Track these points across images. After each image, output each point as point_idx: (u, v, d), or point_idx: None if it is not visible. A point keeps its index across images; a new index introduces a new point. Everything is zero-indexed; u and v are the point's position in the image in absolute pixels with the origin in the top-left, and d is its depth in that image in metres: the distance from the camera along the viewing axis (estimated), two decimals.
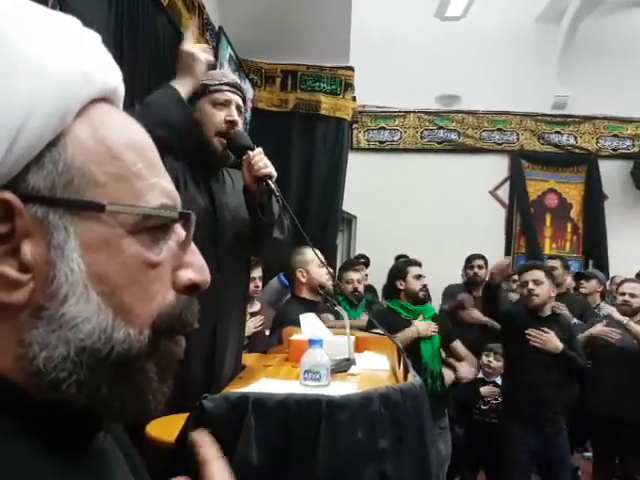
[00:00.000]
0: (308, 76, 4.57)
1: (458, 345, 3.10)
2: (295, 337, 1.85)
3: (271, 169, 1.52)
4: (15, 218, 0.37)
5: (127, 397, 0.40)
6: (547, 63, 5.80)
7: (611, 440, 3.30)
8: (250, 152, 1.53)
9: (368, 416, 1.06)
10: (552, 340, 2.78)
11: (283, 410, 1.06)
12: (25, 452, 0.36)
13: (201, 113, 1.55)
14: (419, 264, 3.07)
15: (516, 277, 4.50)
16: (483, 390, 3.39)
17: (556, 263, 4.45)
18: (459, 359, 3.20)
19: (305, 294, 2.58)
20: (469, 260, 4.41)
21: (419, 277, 2.97)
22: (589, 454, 3.81)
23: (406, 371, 1.44)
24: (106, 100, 0.43)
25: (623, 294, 3.32)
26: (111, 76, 0.43)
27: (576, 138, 6.18)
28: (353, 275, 3.67)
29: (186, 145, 1.52)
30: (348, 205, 5.20)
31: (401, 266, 3.11)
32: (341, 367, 1.67)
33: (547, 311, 2.92)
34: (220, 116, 1.55)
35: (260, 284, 3.17)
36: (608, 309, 3.78)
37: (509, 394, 3.06)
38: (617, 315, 3.29)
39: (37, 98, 0.37)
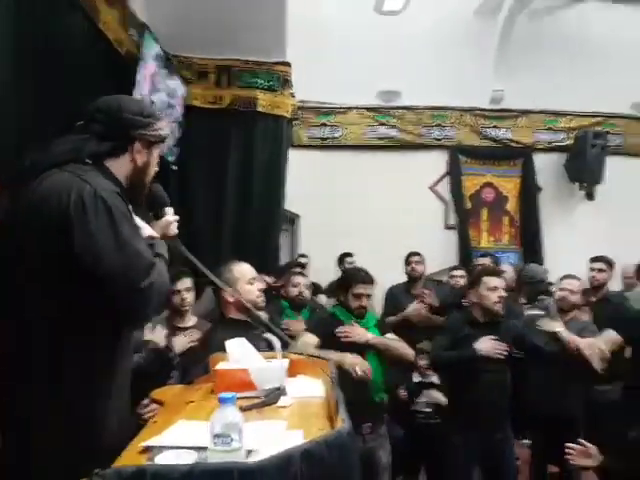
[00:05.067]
0: (244, 72, 4.40)
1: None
2: (221, 366, 1.73)
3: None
4: None
5: None
6: (485, 58, 5.86)
7: (546, 433, 3.37)
8: (167, 210, 1.66)
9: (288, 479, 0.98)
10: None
11: None
12: None
13: (151, 161, 1.56)
14: (365, 280, 2.84)
15: (455, 273, 4.59)
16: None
17: (487, 261, 4.57)
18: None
19: (234, 315, 2.35)
20: (407, 257, 4.58)
21: (359, 296, 2.79)
22: (527, 441, 3.87)
23: (336, 407, 1.37)
24: None
25: (563, 290, 3.39)
26: None
27: (512, 132, 6.29)
28: (300, 279, 3.64)
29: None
30: (291, 204, 5.09)
31: (347, 279, 2.93)
32: (270, 399, 1.57)
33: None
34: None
35: (187, 296, 2.91)
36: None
37: (451, 395, 3.10)
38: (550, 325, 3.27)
39: None
